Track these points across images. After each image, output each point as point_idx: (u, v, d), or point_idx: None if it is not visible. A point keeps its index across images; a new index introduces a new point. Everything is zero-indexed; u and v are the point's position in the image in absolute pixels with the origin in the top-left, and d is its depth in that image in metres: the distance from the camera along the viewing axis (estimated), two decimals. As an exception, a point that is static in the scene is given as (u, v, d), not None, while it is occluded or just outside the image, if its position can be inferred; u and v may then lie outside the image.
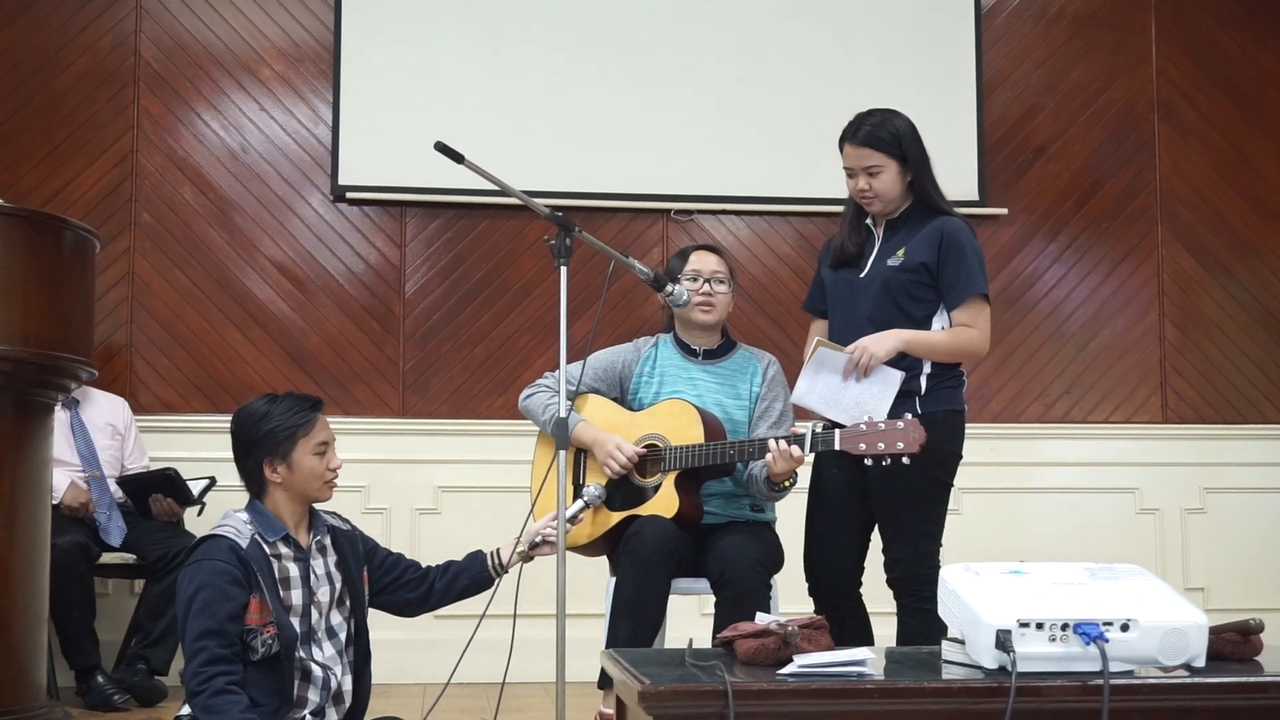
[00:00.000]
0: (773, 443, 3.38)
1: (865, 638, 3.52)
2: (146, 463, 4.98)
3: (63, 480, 4.53)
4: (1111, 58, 5.87)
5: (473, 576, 3.29)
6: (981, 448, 5.20)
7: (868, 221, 3.63)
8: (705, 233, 5.53)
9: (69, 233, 3.65)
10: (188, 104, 5.41)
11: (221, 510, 3.11)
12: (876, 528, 3.58)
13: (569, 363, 3.28)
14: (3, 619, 3.48)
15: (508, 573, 3.31)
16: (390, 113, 5.41)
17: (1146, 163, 5.86)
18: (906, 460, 3.23)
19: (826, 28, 5.68)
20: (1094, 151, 5.83)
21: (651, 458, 3.64)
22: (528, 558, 3.34)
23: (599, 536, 3.66)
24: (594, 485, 3.59)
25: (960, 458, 3.55)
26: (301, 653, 2.93)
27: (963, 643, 2.39)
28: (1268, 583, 5.65)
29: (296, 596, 2.96)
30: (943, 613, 2.47)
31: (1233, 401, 5.81)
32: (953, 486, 3.55)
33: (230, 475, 3.08)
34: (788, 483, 3.52)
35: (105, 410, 4.92)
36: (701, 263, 3.79)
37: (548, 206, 3.40)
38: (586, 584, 4.13)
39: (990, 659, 2.30)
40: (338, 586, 3.06)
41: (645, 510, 3.57)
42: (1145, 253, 5.83)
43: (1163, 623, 2.34)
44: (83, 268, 3.72)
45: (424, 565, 3.30)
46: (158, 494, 4.76)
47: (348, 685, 3.03)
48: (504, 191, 3.32)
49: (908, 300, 3.49)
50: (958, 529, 5.24)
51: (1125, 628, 2.31)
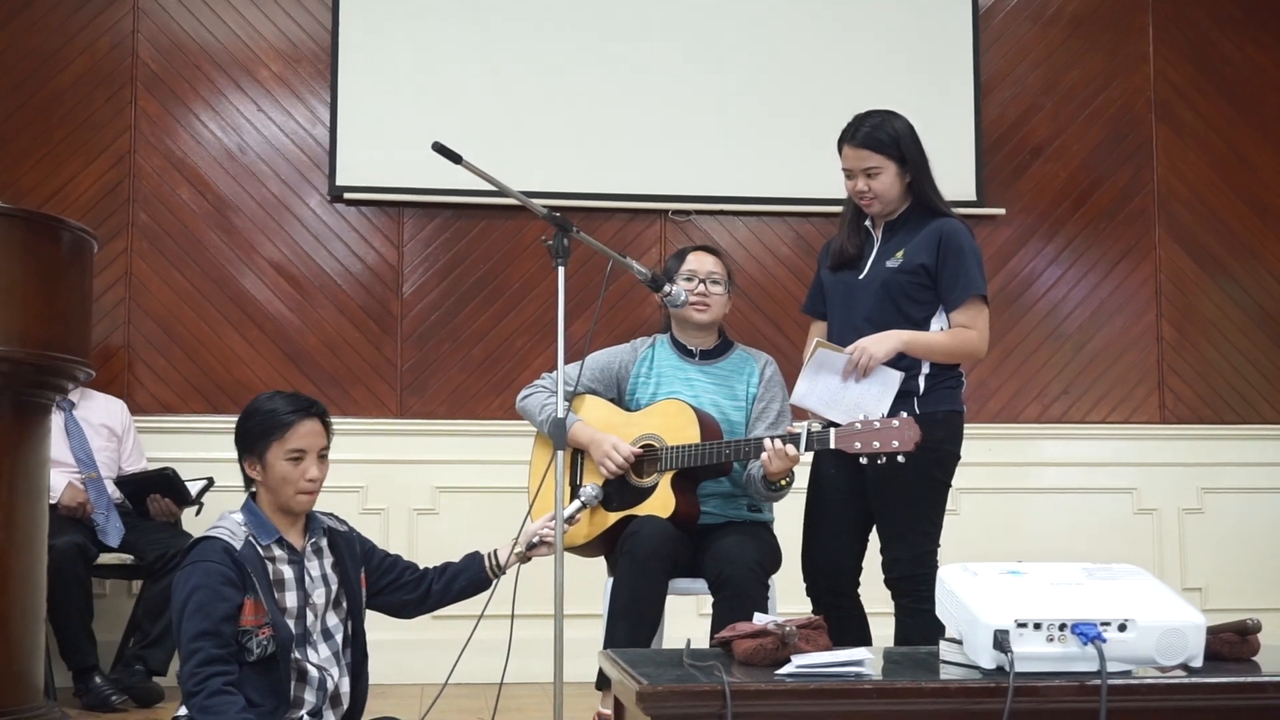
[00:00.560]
0: (768, 442, 3.38)
1: (863, 638, 3.51)
2: (144, 464, 4.97)
3: (60, 481, 4.53)
4: (1109, 58, 5.88)
5: (470, 578, 3.28)
6: (979, 448, 5.20)
7: (866, 223, 3.64)
8: (703, 233, 5.53)
9: (67, 233, 3.65)
10: (185, 104, 5.41)
11: (219, 511, 3.11)
12: (875, 528, 3.58)
13: (566, 363, 3.28)
14: (1, 620, 3.47)
15: (505, 574, 3.31)
16: (388, 113, 5.41)
17: (1144, 163, 5.86)
18: (902, 459, 3.23)
19: (824, 28, 5.68)
20: (1092, 152, 5.84)
21: (648, 458, 3.65)
22: (525, 558, 3.33)
23: (596, 537, 3.66)
24: (591, 485, 3.59)
25: (958, 458, 3.55)
26: (297, 654, 2.93)
27: (960, 643, 2.40)
28: (1265, 583, 5.65)
29: (291, 598, 2.96)
30: (941, 613, 2.47)
31: (1230, 402, 5.82)
32: (951, 486, 3.55)
33: (228, 475, 3.08)
34: (784, 482, 3.52)
35: (102, 411, 4.91)
36: (698, 263, 3.79)
37: (545, 207, 3.40)
38: (584, 584, 4.13)
39: (988, 659, 2.30)
40: (334, 588, 3.06)
41: (642, 510, 3.57)
42: (1143, 253, 5.83)
43: (1160, 623, 2.34)
44: (80, 268, 3.71)
45: (422, 566, 3.30)
46: (156, 494, 4.75)
47: (345, 686, 3.03)
48: (502, 192, 3.32)
49: (906, 301, 3.49)
50: (955, 529, 5.24)
51: (1123, 628, 2.32)
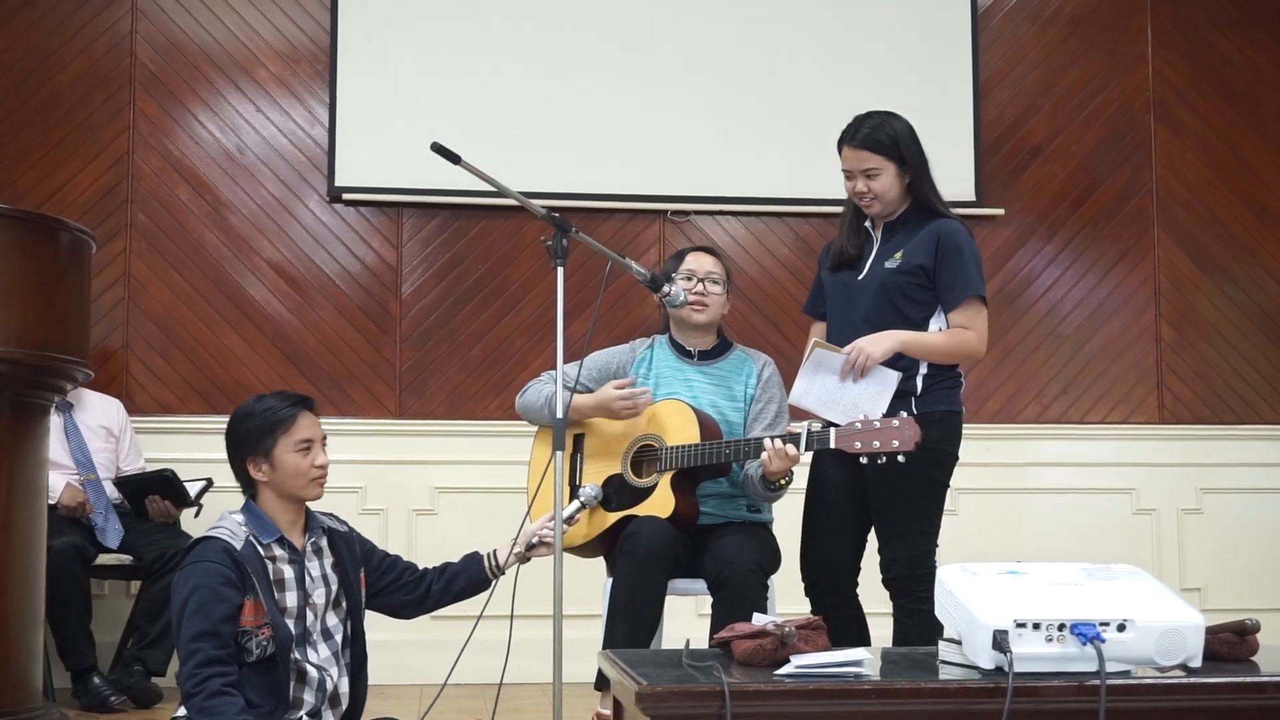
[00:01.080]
0: (768, 441, 3.38)
1: (862, 638, 3.51)
2: (142, 464, 4.97)
3: (59, 482, 4.53)
4: (1108, 58, 5.88)
5: (470, 578, 3.29)
6: (978, 448, 5.20)
7: (866, 224, 3.64)
8: (702, 233, 5.53)
9: (65, 234, 3.65)
10: (184, 105, 5.41)
11: (218, 511, 3.11)
12: (873, 528, 3.58)
13: (565, 363, 3.28)
14: (-1, 620, 3.48)
15: (505, 574, 3.31)
16: (387, 114, 5.40)
17: (1143, 163, 5.86)
18: (902, 459, 3.23)
19: (823, 28, 5.68)
20: (1090, 152, 5.84)
21: (648, 458, 3.65)
22: (524, 559, 3.34)
23: (595, 537, 3.66)
24: (590, 486, 3.59)
25: (957, 458, 3.55)
26: (297, 654, 2.93)
27: (959, 643, 2.40)
28: (1264, 583, 5.65)
29: (291, 598, 2.96)
30: (940, 613, 2.47)
31: (1229, 402, 5.82)
32: (949, 487, 3.55)
33: (226, 476, 3.08)
34: (783, 482, 3.52)
35: (100, 413, 4.91)
36: (696, 263, 3.79)
37: (544, 207, 3.40)
38: (583, 585, 4.13)
39: (987, 659, 2.30)
40: (334, 588, 3.06)
41: (641, 510, 3.57)
42: (1141, 253, 5.83)
43: (1159, 623, 2.34)
44: (79, 269, 3.71)
45: (421, 567, 3.30)
46: (154, 495, 4.75)
47: (344, 687, 3.03)
48: (501, 192, 3.32)
49: (905, 302, 3.50)
50: (954, 529, 5.24)
51: (1122, 628, 2.32)
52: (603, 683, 3.56)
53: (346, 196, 5.41)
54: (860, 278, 3.57)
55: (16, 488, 3.54)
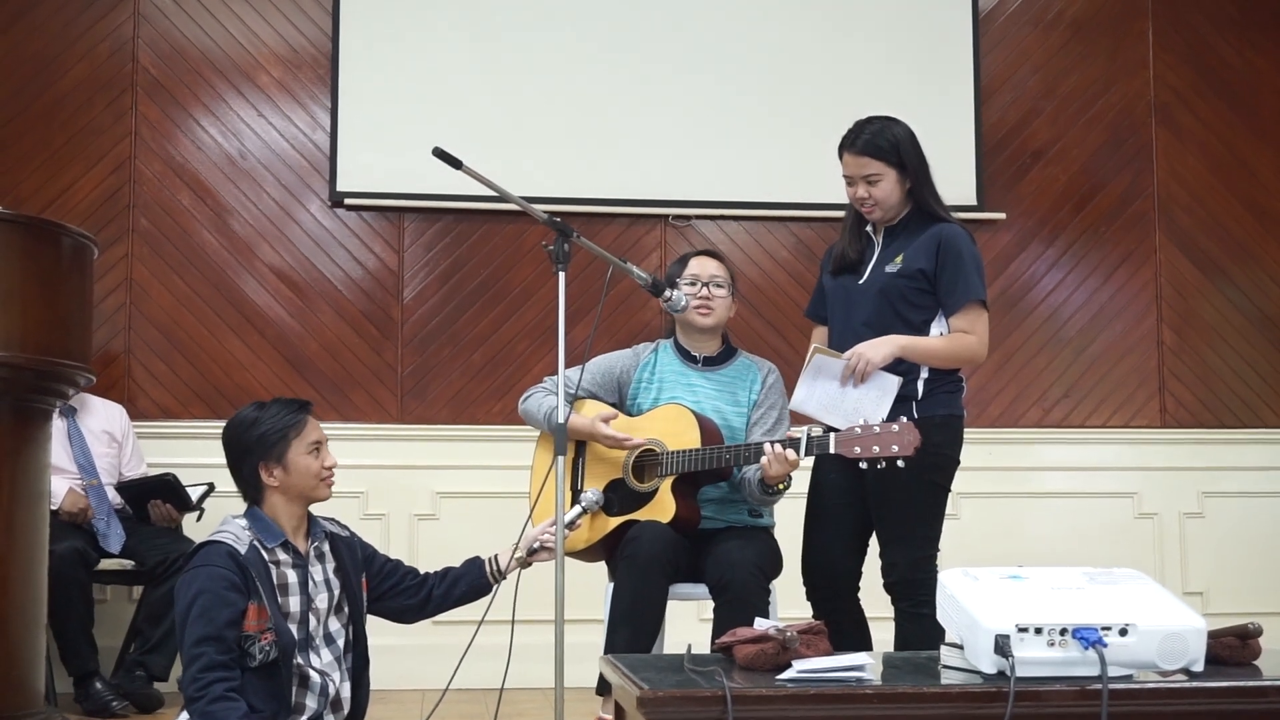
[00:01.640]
0: (768, 446, 3.39)
1: (863, 642, 3.52)
2: (144, 469, 4.97)
3: (61, 487, 4.53)
4: (1109, 62, 5.88)
5: (471, 583, 3.29)
6: (980, 452, 5.20)
7: (868, 228, 3.64)
8: (703, 238, 5.54)
9: (67, 239, 3.65)
10: (186, 110, 5.42)
11: (220, 516, 3.12)
12: (874, 532, 3.58)
13: (567, 367, 3.28)
14: (1, 625, 3.47)
15: (505, 579, 3.32)
16: (388, 119, 5.41)
17: (1144, 167, 5.86)
18: (901, 463, 3.23)
19: (824, 32, 5.68)
20: (1091, 156, 5.84)
21: (649, 462, 3.65)
22: (526, 563, 3.34)
23: (597, 541, 3.66)
24: (591, 491, 3.60)
25: (958, 463, 3.55)
26: (299, 659, 2.93)
27: (961, 647, 2.40)
28: (1266, 587, 5.64)
29: (295, 603, 2.96)
30: (942, 617, 2.47)
31: (1231, 406, 5.82)
32: (950, 491, 3.55)
33: (229, 481, 3.08)
34: (781, 486, 3.52)
35: (102, 417, 4.91)
36: (700, 267, 3.80)
37: (546, 212, 3.41)
38: (585, 589, 4.12)
39: (989, 664, 2.30)
40: (336, 593, 3.06)
41: (642, 515, 3.57)
42: (1143, 257, 5.83)
43: (1161, 627, 2.34)
44: (81, 274, 3.71)
45: (422, 572, 3.30)
46: (156, 499, 4.76)
47: (346, 691, 3.03)
48: (502, 197, 3.33)
49: (905, 306, 3.50)
50: (956, 533, 5.23)
51: (1124, 632, 2.32)
52: (604, 688, 3.56)
53: (348, 201, 5.42)
54: (861, 282, 3.57)
55: (19, 492, 3.54)
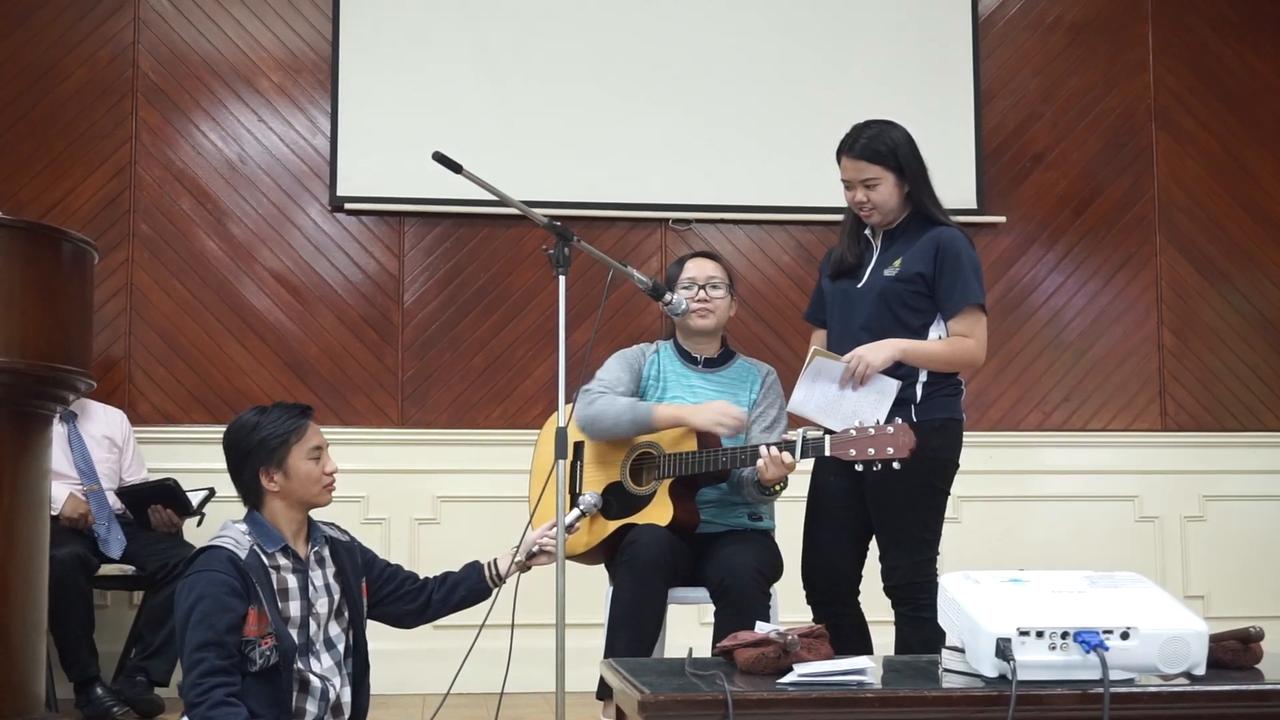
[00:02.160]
0: (764, 449, 3.39)
1: (863, 646, 3.52)
2: (145, 474, 4.97)
3: (61, 492, 4.53)
4: (1109, 66, 5.88)
5: (470, 587, 3.29)
6: (980, 456, 5.20)
7: (866, 232, 3.64)
8: (703, 242, 5.53)
9: (67, 244, 3.65)
10: (186, 115, 5.42)
11: (220, 521, 3.11)
12: (874, 536, 3.58)
13: (568, 371, 3.28)
14: (2, 630, 3.47)
15: (505, 583, 3.31)
16: (388, 123, 5.41)
17: (1144, 171, 5.86)
18: (897, 465, 3.23)
19: (824, 37, 5.68)
20: (1091, 159, 5.84)
21: (646, 465, 3.65)
22: (525, 567, 3.34)
23: (596, 544, 3.66)
24: (590, 494, 3.60)
25: (957, 466, 3.54)
26: (300, 664, 2.93)
27: (963, 651, 2.39)
28: (1267, 590, 5.64)
29: (295, 608, 2.96)
30: (943, 621, 2.47)
31: (1231, 409, 5.81)
32: (950, 494, 3.55)
33: (229, 486, 3.08)
34: (778, 487, 3.53)
35: (103, 423, 4.91)
36: (698, 269, 3.80)
37: (546, 216, 3.41)
38: (585, 593, 4.13)
39: (990, 667, 2.30)
40: (336, 598, 3.06)
41: (640, 518, 3.57)
42: (1143, 260, 5.83)
43: (1163, 631, 2.34)
44: (81, 279, 3.71)
45: (422, 576, 3.30)
46: (157, 505, 4.75)
47: (346, 696, 3.03)
48: (502, 201, 3.33)
49: (904, 310, 3.50)
50: (957, 537, 5.25)
51: (1125, 636, 2.32)
52: (605, 692, 3.55)
53: (348, 206, 5.42)
54: (859, 286, 3.57)
55: (19, 498, 3.54)
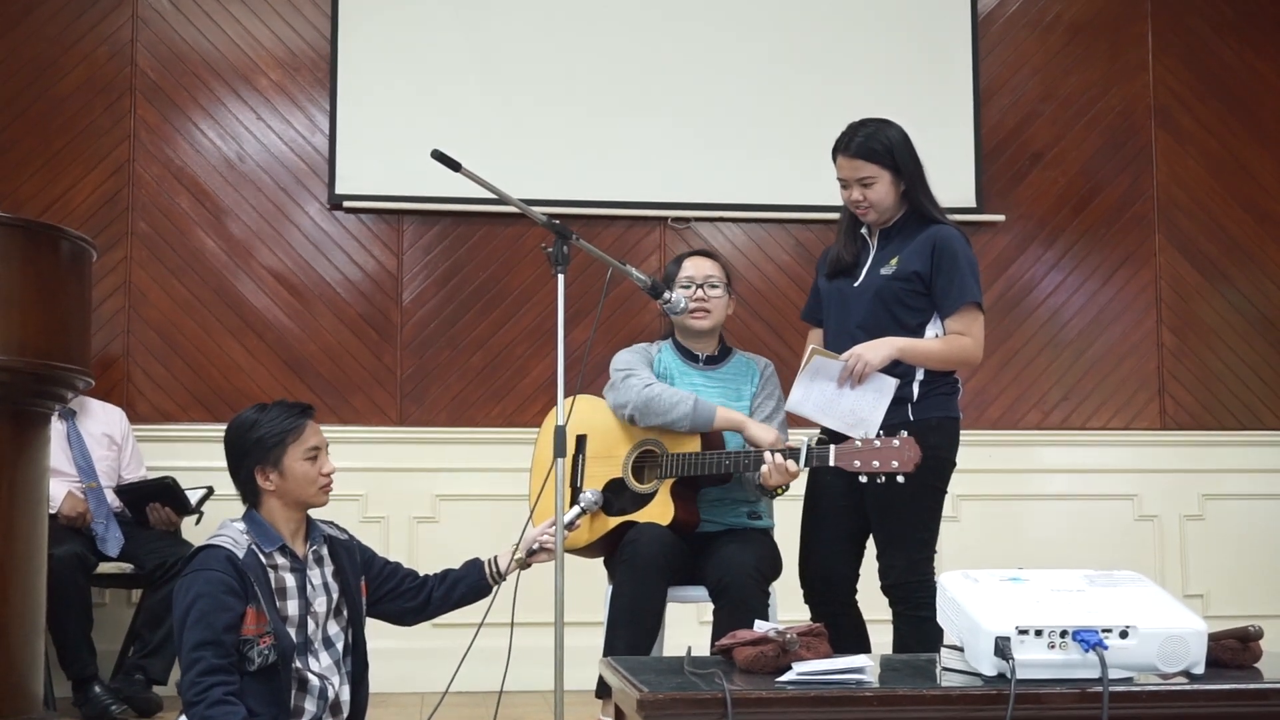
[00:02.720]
0: (768, 455, 3.39)
1: (861, 644, 3.51)
2: (144, 472, 4.97)
3: (60, 490, 4.53)
4: (1108, 64, 5.88)
5: (470, 585, 3.29)
6: (980, 454, 5.20)
7: (863, 231, 3.64)
8: (702, 240, 5.53)
9: (66, 242, 3.65)
10: (184, 113, 5.41)
11: (219, 519, 3.11)
12: (871, 535, 3.58)
13: (566, 369, 3.28)
14: (0, 629, 3.47)
15: (505, 580, 3.31)
16: (387, 121, 5.41)
17: (1143, 169, 5.86)
18: (901, 479, 3.23)
19: (824, 34, 5.68)
20: (1091, 158, 5.84)
21: (649, 463, 3.65)
22: (525, 565, 3.34)
23: (596, 540, 3.67)
24: (590, 491, 3.60)
25: (954, 465, 3.54)
26: (298, 663, 2.93)
27: (962, 650, 2.39)
28: (1267, 589, 5.64)
29: (293, 607, 2.96)
30: (942, 620, 2.47)
31: (1231, 408, 5.81)
32: (947, 494, 3.54)
33: (228, 484, 3.08)
34: (779, 490, 3.53)
35: (102, 420, 4.91)
36: (695, 268, 3.80)
37: (545, 214, 3.41)
38: (584, 592, 4.12)
39: (989, 666, 2.30)
40: (335, 597, 3.06)
41: (641, 517, 3.57)
42: (1143, 259, 5.83)
43: (1162, 630, 2.34)
44: (79, 277, 3.71)
45: (422, 574, 3.30)
46: (155, 503, 4.75)
47: (345, 695, 3.03)
48: (501, 199, 3.32)
49: (900, 309, 3.49)
50: (956, 536, 5.26)
51: (1124, 635, 2.31)
52: (604, 690, 3.55)
53: (347, 204, 5.41)
54: (856, 285, 3.57)
55: (17, 497, 3.54)
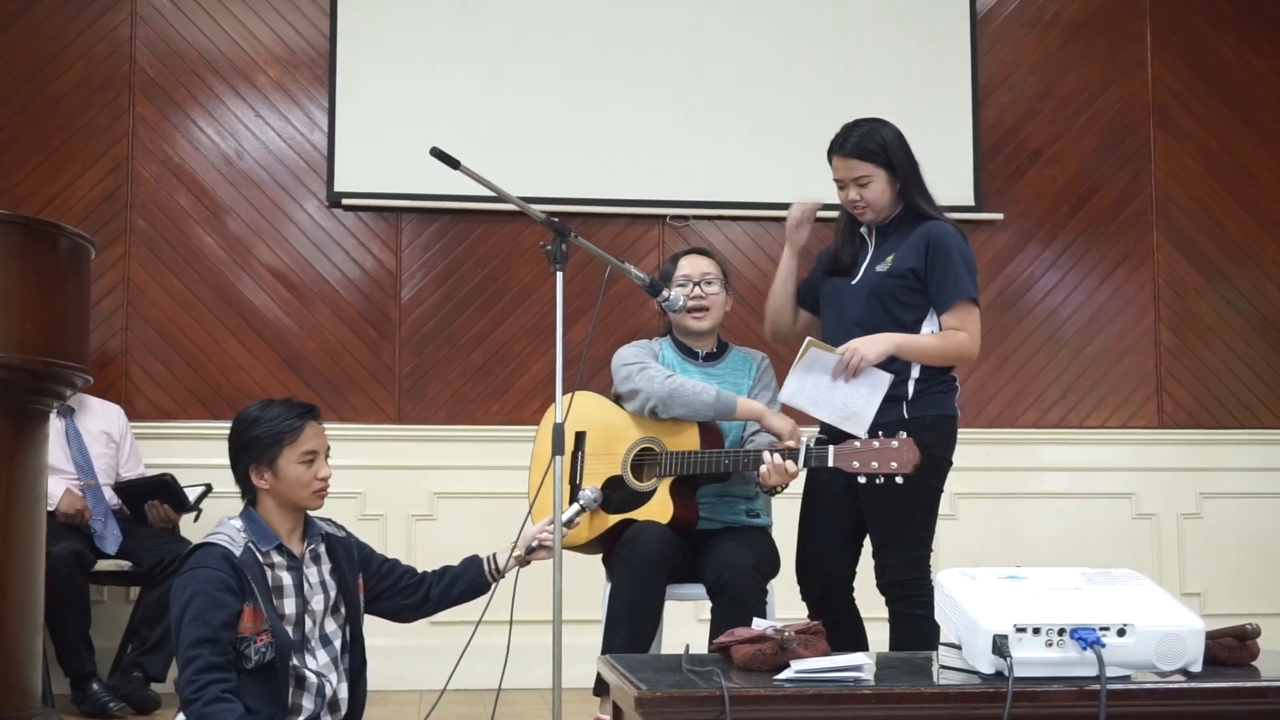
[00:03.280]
0: (767, 455, 3.39)
1: (858, 642, 3.52)
2: (142, 470, 4.96)
3: (58, 488, 4.52)
4: (1106, 63, 5.88)
5: (469, 582, 3.29)
6: (978, 453, 5.20)
7: (861, 230, 3.65)
8: (701, 238, 5.53)
9: (64, 239, 3.65)
10: (183, 110, 5.41)
11: (217, 516, 3.11)
12: (868, 533, 3.58)
13: (565, 367, 3.28)
14: (-2, 626, 3.48)
15: (504, 577, 3.31)
16: (386, 119, 5.40)
17: (1142, 168, 5.86)
18: (900, 480, 3.23)
19: (822, 33, 5.68)
20: (1089, 156, 5.84)
21: (648, 461, 3.65)
22: (524, 562, 3.34)
23: (595, 538, 3.66)
24: (590, 489, 3.59)
25: (951, 463, 3.54)
26: (296, 661, 2.93)
27: (959, 648, 2.40)
28: (1264, 588, 5.64)
29: (290, 605, 2.96)
30: (939, 617, 2.47)
31: (1229, 406, 5.82)
32: (943, 492, 3.54)
33: (226, 481, 3.08)
34: (779, 489, 3.53)
35: (100, 418, 4.91)
36: (691, 267, 3.80)
37: (544, 212, 3.41)
38: (583, 589, 4.12)
39: (987, 664, 2.30)
40: (332, 594, 3.06)
41: (640, 515, 3.58)
42: (1141, 257, 5.83)
43: (1159, 628, 2.34)
44: (78, 274, 3.71)
45: (420, 571, 3.30)
46: (154, 500, 4.75)
47: (343, 692, 3.03)
48: (500, 197, 3.33)
49: (897, 306, 3.50)
50: (954, 534, 5.27)
51: (1122, 633, 2.32)
52: (602, 688, 3.56)
53: (346, 201, 5.41)
54: (854, 282, 3.58)
55: (16, 494, 3.54)
